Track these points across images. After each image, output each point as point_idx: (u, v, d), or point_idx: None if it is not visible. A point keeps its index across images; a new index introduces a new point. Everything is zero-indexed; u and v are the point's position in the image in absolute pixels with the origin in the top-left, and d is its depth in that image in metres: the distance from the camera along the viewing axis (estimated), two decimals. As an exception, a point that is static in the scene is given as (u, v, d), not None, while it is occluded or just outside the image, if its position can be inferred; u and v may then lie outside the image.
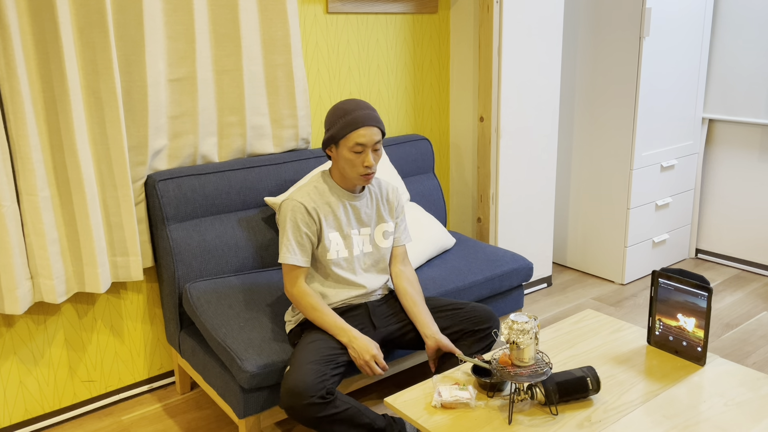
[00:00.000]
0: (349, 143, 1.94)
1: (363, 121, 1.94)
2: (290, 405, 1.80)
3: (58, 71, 2.07)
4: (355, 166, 1.97)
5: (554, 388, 1.64)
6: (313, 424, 1.81)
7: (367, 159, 1.96)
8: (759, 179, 3.57)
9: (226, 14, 2.42)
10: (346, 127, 1.94)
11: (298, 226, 1.98)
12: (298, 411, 1.79)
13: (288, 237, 1.99)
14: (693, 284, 1.83)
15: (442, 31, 3.22)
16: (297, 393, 1.78)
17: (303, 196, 2.01)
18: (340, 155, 1.98)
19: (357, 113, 1.95)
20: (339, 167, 2.02)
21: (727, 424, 1.59)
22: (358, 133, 1.94)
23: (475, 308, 2.16)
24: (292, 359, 1.91)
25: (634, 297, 3.39)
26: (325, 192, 2.04)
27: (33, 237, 2.13)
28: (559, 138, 3.65)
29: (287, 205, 2.01)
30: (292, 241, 1.98)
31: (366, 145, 1.95)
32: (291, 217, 1.99)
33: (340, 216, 2.05)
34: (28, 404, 2.35)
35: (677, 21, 3.32)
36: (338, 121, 1.96)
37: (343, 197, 2.06)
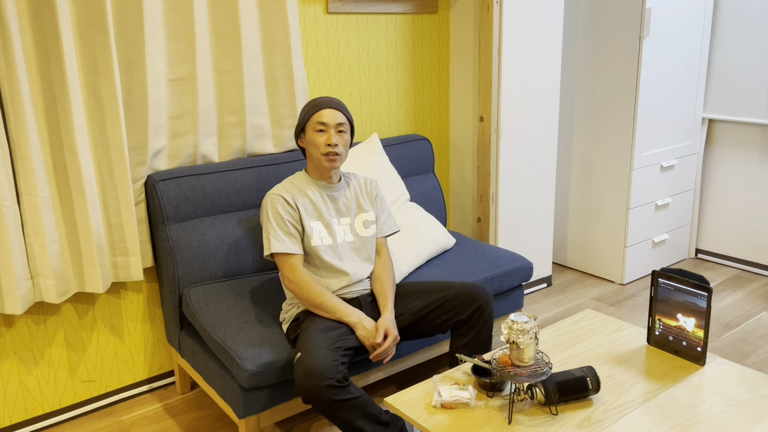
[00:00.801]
0: (313, 123, 2.08)
1: (325, 104, 2.09)
2: (309, 386, 1.80)
3: (58, 71, 2.07)
4: (318, 146, 2.07)
5: (554, 388, 1.64)
6: (329, 408, 1.82)
7: (330, 137, 2.06)
8: (759, 179, 3.57)
9: (226, 14, 2.42)
10: (309, 111, 2.10)
11: (279, 215, 2.04)
12: (316, 393, 1.80)
13: (273, 227, 2.04)
14: (693, 284, 1.83)
15: (442, 31, 3.22)
16: (316, 374, 1.80)
17: (279, 189, 2.10)
18: (307, 140, 2.10)
19: (320, 99, 2.11)
20: (309, 155, 2.12)
21: (727, 424, 1.59)
22: (321, 113, 2.07)
23: (459, 293, 2.13)
24: (301, 346, 1.92)
25: (634, 297, 3.39)
26: (302, 185, 2.13)
27: (33, 237, 2.13)
28: (559, 138, 3.65)
29: (266, 200, 2.09)
30: (278, 230, 2.03)
31: (328, 125, 2.07)
32: (272, 209, 2.05)
33: (320, 205, 2.12)
34: (28, 404, 2.35)
35: (677, 21, 3.32)
36: (304, 110, 2.13)
37: (321, 188, 2.14)
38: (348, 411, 1.84)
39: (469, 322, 2.13)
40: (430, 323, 2.15)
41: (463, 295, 2.12)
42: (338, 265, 2.10)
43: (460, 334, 2.15)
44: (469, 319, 2.12)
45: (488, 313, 2.13)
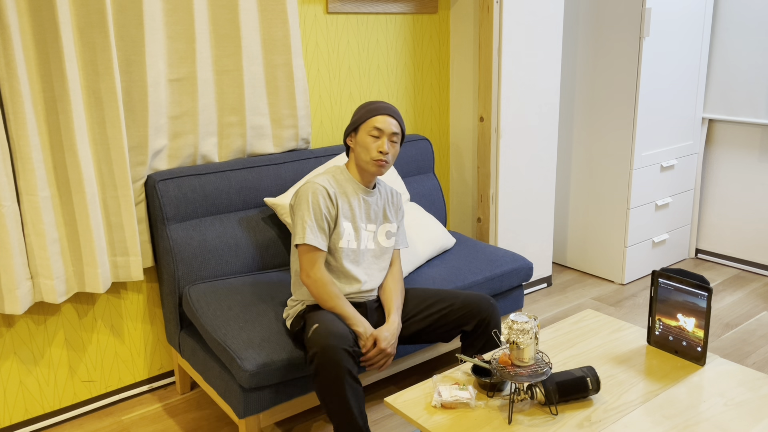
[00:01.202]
0: (368, 127, 2.05)
1: (384, 110, 2.08)
2: (329, 345, 1.81)
3: (58, 71, 2.07)
4: (369, 150, 2.05)
5: (554, 388, 1.64)
6: (338, 379, 1.82)
7: (382, 144, 2.04)
8: (759, 179, 3.57)
9: (226, 14, 2.42)
10: (368, 113, 2.07)
11: (319, 207, 2.01)
12: (333, 354, 1.81)
13: (310, 217, 2.00)
14: (693, 284, 1.83)
15: (442, 31, 3.22)
16: (337, 337, 1.84)
17: (323, 180, 2.05)
18: (358, 141, 2.08)
19: (380, 104, 2.10)
20: (356, 155, 2.09)
21: (726, 424, 1.59)
22: (377, 118, 2.06)
23: (464, 304, 2.13)
24: (316, 320, 1.94)
25: (634, 297, 3.39)
26: (342, 182, 2.11)
27: (33, 237, 2.13)
28: (559, 138, 3.65)
29: (308, 187, 2.03)
30: (314, 222, 2.00)
31: (383, 131, 2.05)
32: (312, 199, 2.01)
33: (354, 207, 2.10)
34: (28, 404, 2.35)
35: (677, 21, 3.32)
36: (361, 110, 2.10)
37: (358, 190, 2.12)
38: (351, 393, 1.86)
39: (476, 333, 2.13)
40: (434, 332, 2.17)
41: (468, 306, 2.12)
42: (353, 271, 2.09)
43: (469, 345, 2.15)
44: (475, 331, 2.13)
45: (494, 324, 2.13)
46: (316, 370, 1.85)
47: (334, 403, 1.86)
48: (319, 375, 1.85)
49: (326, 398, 1.87)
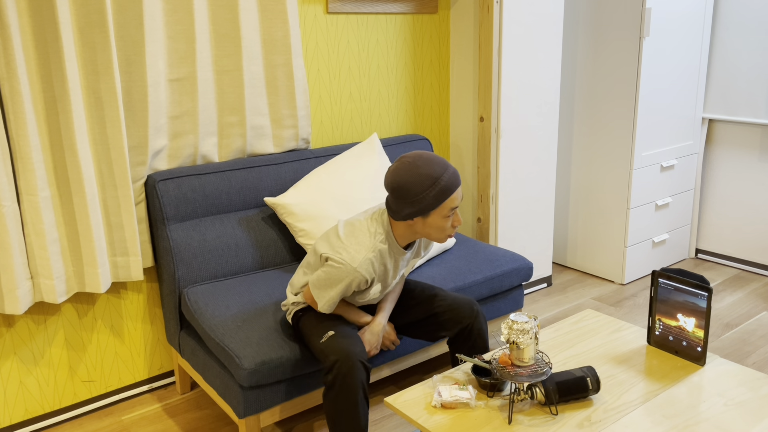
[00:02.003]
0: (444, 211, 1.79)
1: (456, 183, 1.79)
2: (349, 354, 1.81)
3: (58, 71, 2.07)
4: (445, 230, 1.83)
5: (554, 388, 1.64)
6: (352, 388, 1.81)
7: (458, 218, 1.84)
8: (759, 179, 3.57)
9: (226, 14, 2.42)
10: (440, 196, 1.77)
11: (351, 290, 1.90)
12: (352, 364, 1.80)
13: (337, 296, 1.89)
14: (693, 284, 1.83)
15: (442, 31, 3.22)
16: (355, 350, 1.83)
17: (367, 268, 1.85)
18: (428, 223, 1.81)
19: (447, 177, 1.77)
20: (419, 233, 1.86)
21: (727, 424, 1.59)
22: (452, 198, 1.78)
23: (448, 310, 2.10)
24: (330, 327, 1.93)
25: (634, 297, 3.39)
26: (385, 253, 1.89)
27: (33, 237, 2.13)
28: (559, 138, 3.65)
29: (349, 274, 1.83)
30: (338, 298, 1.91)
31: (458, 206, 1.83)
32: (348, 284, 1.86)
33: (389, 271, 1.96)
34: (28, 404, 2.35)
35: (677, 21, 3.32)
36: (428, 192, 1.76)
37: (398, 254, 1.94)
38: (362, 407, 1.84)
39: (459, 339, 2.12)
40: (417, 331, 2.17)
41: (451, 312, 2.09)
42: (368, 300, 2.05)
43: (456, 350, 2.15)
44: (458, 337, 2.12)
45: (476, 329, 2.10)
46: (334, 379, 1.82)
47: (344, 415, 1.84)
48: (335, 385, 1.82)
49: (337, 409, 1.84)
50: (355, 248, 1.85)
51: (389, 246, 1.89)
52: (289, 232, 2.54)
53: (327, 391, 1.85)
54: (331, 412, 1.85)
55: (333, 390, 1.83)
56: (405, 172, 1.77)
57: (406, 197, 1.77)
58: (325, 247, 1.91)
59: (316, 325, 1.97)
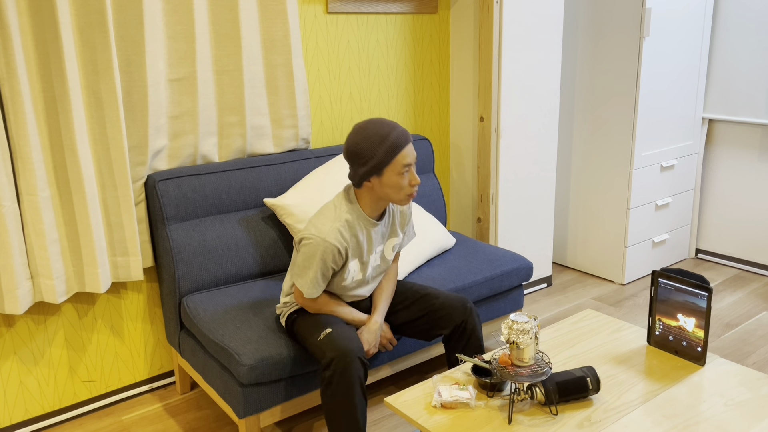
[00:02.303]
0: (397, 167, 1.85)
1: (404, 139, 1.86)
2: (346, 351, 1.82)
3: (58, 71, 2.07)
4: (402, 188, 1.88)
5: (554, 388, 1.64)
6: (351, 385, 1.82)
7: (414, 176, 1.89)
8: (759, 179, 3.57)
9: (226, 14, 2.42)
10: (389, 153, 1.84)
11: (327, 265, 1.93)
12: (350, 360, 1.81)
13: (316, 275, 1.92)
14: (693, 284, 1.83)
15: (442, 31, 3.22)
16: (353, 346, 1.84)
17: (336, 237, 1.90)
18: (384, 182, 1.87)
19: (395, 134, 1.85)
20: (379, 196, 1.92)
21: (727, 424, 1.59)
22: (404, 154, 1.85)
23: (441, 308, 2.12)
24: (326, 324, 1.94)
25: (634, 297, 3.39)
26: (353, 222, 1.95)
27: (33, 237, 2.13)
28: (559, 138, 3.65)
29: (319, 245, 1.88)
30: (319, 278, 1.94)
31: (411, 164, 1.88)
32: (322, 257, 1.90)
33: (363, 243, 1.99)
34: (28, 404, 2.35)
35: (677, 21, 3.32)
36: (378, 148, 1.84)
37: (368, 225, 1.99)
38: (360, 403, 1.84)
39: (454, 337, 2.13)
40: (413, 330, 2.17)
41: (444, 310, 2.11)
42: (357, 292, 2.09)
43: (450, 349, 2.15)
44: (452, 335, 2.13)
45: (470, 327, 2.12)
46: (332, 376, 1.83)
47: (342, 412, 1.84)
48: (333, 382, 1.83)
49: (335, 406, 1.84)
50: (321, 222, 1.92)
51: (357, 216, 1.95)
52: (289, 232, 2.54)
53: (325, 388, 1.86)
54: (330, 409, 1.86)
55: (331, 387, 1.84)
56: (355, 135, 1.87)
57: (360, 158, 1.86)
58: (298, 236, 1.98)
59: (312, 325, 1.98)
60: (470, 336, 2.12)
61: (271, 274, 2.53)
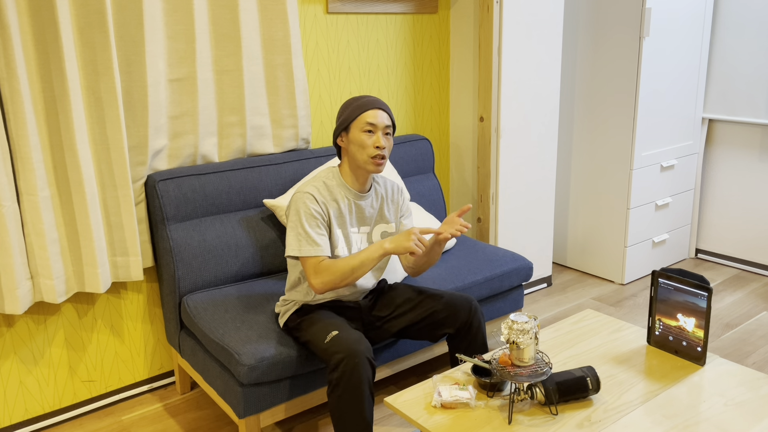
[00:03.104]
0: (360, 123, 1.97)
1: (373, 104, 2.00)
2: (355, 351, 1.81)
3: (58, 71, 2.07)
4: (365, 147, 1.97)
5: (554, 388, 1.64)
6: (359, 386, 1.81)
7: (378, 139, 1.97)
8: (759, 179, 3.57)
9: (226, 14, 2.42)
10: (356, 110, 1.99)
11: (311, 214, 1.95)
12: (359, 361, 1.80)
13: (304, 228, 1.93)
14: (693, 284, 1.83)
15: (442, 31, 3.22)
16: (361, 347, 1.83)
17: (312, 189, 1.99)
18: (351, 140, 1.99)
19: (367, 98, 2.01)
20: (350, 156, 2.01)
21: (727, 424, 1.59)
22: (369, 113, 1.98)
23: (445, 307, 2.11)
24: (332, 327, 1.93)
25: (634, 297, 3.39)
26: (333, 188, 2.03)
27: (33, 237, 2.13)
28: (559, 138, 3.65)
29: (297, 197, 1.97)
30: (311, 231, 1.93)
31: (377, 126, 1.97)
32: (303, 208, 1.94)
33: (344, 214, 2.03)
34: (28, 404, 2.35)
35: (677, 21, 3.32)
36: (348, 107, 2.01)
37: (350, 195, 2.04)
38: (368, 405, 1.83)
39: (458, 336, 2.12)
40: (419, 332, 2.16)
41: (448, 310, 2.10)
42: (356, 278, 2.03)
43: (454, 347, 2.14)
44: (458, 333, 2.12)
45: (476, 325, 2.11)
46: (340, 377, 1.81)
47: (351, 413, 1.83)
48: (341, 383, 1.82)
49: (343, 406, 1.83)
50: (300, 186, 2.02)
51: (337, 183, 2.04)
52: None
53: (333, 388, 1.84)
54: (337, 410, 1.84)
55: (339, 387, 1.82)
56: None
57: (337, 118, 2.05)
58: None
59: (317, 328, 1.97)
60: (475, 335, 2.11)
61: (271, 274, 2.53)
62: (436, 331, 2.13)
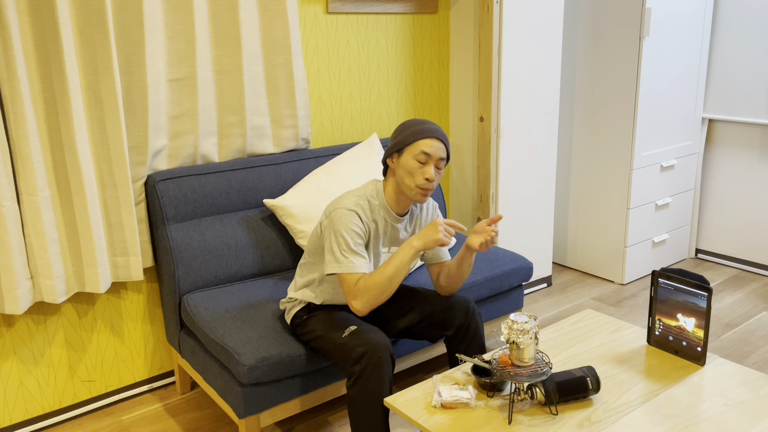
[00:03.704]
0: (415, 150, 1.89)
1: (433, 133, 1.92)
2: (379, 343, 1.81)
3: (58, 71, 2.07)
4: (414, 176, 1.90)
5: (554, 388, 1.64)
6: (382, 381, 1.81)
7: (429, 171, 1.90)
8: (759, 179, 3.57)
9: (226, 14, 2.42)
10: (414, 135, 1.91)
11: (356, 232, 1.90)
12: (382, 355, 1.80)
13: (349, 246, 1.88)
14: (693, 284, 1.83)
15: (442, 31, 3.22)
16: (383, 342, 1.83)
17: (357, 207, 1.93)
18: (401, 164, 1.92)
19: (427, 126, 1.93)
20: (397, 178, 1.94)
21: (727, 424, 1.59)
22: (426, 142, 1.90)
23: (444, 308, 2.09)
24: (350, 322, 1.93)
25: (634, 297, 3.39)
26: (376, 207, 1.98)
27: (33, 237, 2.13)
28: (559, 138, 3.65)
29: (341, 214, 1.90)
30: (355, 249, 1.88)
31: (431, 156, 1.90)
32: (348, 226, 1.88)
33: (380, 235, 2.00)
34: (28, 404, 2.35)
35: (677, 21, 3.32)
36: (406, 130, 1.93)
37: (389, 217, 2.00)
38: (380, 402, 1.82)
39: (457, 337, 2.11)
40: (419, 332, 2.16)
41: (447, 311, 2.09)
42: None
43: (453, 347, 2.14)
44: (456, 335, 2.11)
45: (474, 327, 2.10)
46: (363, 370, 1.80)
47: (372, 406, 1.82)
48: (363, 376, 1.80)
49: (365, 399, 1.82)
50: (343, 199, 1.96)
51: (380, 204, 1.98)
52: (287, 232, 2.54)
53: (354, 381, 1.84)
54: (358, 403, 1.84)
55: (361, 380, 1.82)
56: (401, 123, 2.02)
57: (392, 137, 1.98)
58: (320, 220, 2.00)
59: (330, 323, 1.97)
60: (473, 336, 2.11)
61: (271, 273, 2.53)
62: (434, 332, 2.13)
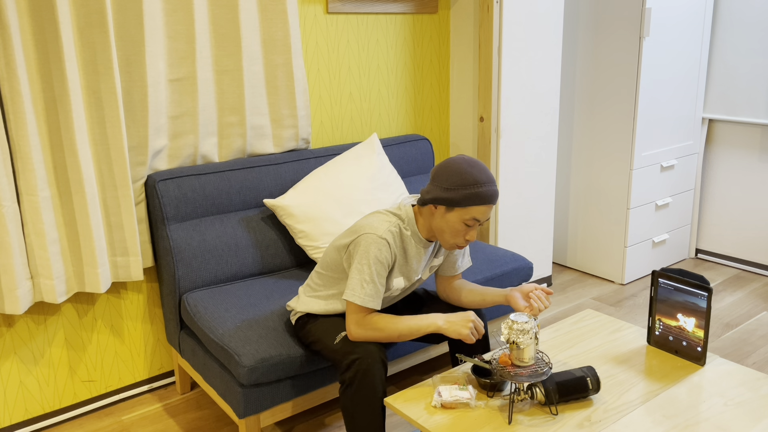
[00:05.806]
0: (466, 216, 1.79)
1: (491, 199, 1.79)
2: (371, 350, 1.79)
3: (58, 71, 2.07)
4: (457, 236, 1.83)
5: (554, 388, 1.64)
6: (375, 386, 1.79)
7: (473, 234, 1.83)
8: (759, 179, 3.57)
9: (226, 14, 2.42)
10: (473, 199, 1.77)
11: (382, 264, 1.82)
12: (373, 361, 1.78)
13: (372, 278, 1.81)
14: (693, 284, 1.83)
15: (442, 31, 3.22)
16: (375, 347, 1.80)
17: (388, 235, 1.84)
18: (446, 218, 1.81)
19: (487, 188, 1.78)
20: (434, 225, 1.86)
21: (727, 424, 1.59)
22: (482, 209, 1.78)
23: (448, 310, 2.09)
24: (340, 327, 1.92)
25: (634, 297, 3.39)
26: (407, 239, 1.89)
27: (33, 237, 2.13)
28: (559, 138, 3.65)
29: (372, 240, 1.81)
30: (377, 282, 1.82)
31: (480, 221, 1.81)
32: (376, 255, 1.81)
33: (412, 263, 1.94)
34: (28, 404, 2.35)
35: (677, 21, 3.32)
36: (464, 189, 1.77)
37: (419, 243, 1.92)
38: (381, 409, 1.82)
39: (458, 340, 2.10)
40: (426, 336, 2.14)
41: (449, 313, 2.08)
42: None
43: (457, 349, 2.13)
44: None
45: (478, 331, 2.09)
46: (353, 377, 1.79)
47: (365, 412, 1.81)
48: (354, 382, 1.79)
49: (357, 406, 1.81)
50: (375, 223, 1.85)
51: (411, 234, 1.89)
52: (288, 232, 2.54)
53: (346, 388, 1.82)
54: (350, 409, 1.83)
55: (353, 387, 1.80)
56: (459, 161, 1.81)
57: (445, 182, 1.79)
58: (346, 238, 1.90)
59: (327, 328, 1.96)
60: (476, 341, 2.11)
61: (271, 273, 2.53)
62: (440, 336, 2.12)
